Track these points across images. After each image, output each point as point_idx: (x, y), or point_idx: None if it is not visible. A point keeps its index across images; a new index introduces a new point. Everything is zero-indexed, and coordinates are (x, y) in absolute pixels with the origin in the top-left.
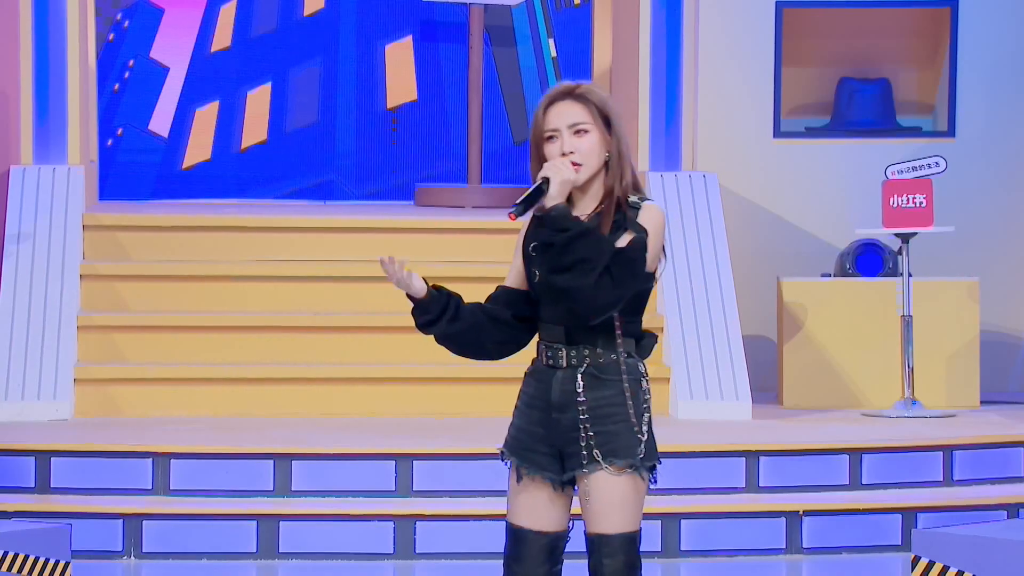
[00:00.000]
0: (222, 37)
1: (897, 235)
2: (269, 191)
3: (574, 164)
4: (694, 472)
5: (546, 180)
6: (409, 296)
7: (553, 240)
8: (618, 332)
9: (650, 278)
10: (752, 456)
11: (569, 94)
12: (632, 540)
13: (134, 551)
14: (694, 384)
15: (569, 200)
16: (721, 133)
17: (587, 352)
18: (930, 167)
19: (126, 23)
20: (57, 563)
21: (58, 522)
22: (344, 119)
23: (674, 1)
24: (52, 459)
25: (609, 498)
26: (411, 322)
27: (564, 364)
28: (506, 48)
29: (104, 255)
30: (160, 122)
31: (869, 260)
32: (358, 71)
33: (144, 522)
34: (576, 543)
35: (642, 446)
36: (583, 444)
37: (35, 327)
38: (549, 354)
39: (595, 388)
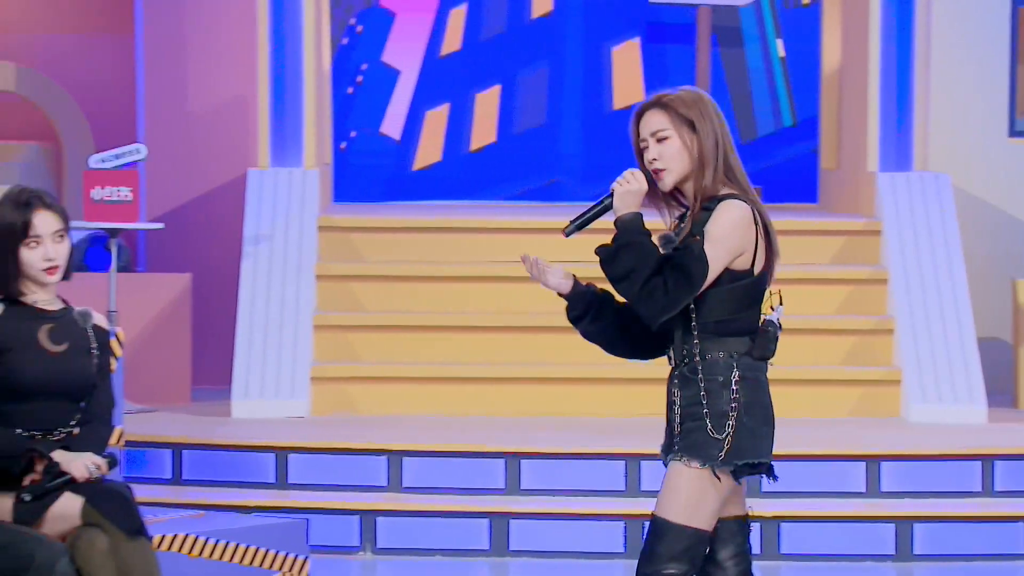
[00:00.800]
0: (452, 40)
1: None
2: (498, 192)
3: (658, 171)
4: (927, 476)
5: (610, 195)
6: (559, 293)
7: (598, 253)
8: (695, 332)
9: (737, 277)
10: (988, 460)
11: (655, 104)
12: (665, 529)
13: (369, 546)
14: (926, 386)
15: (674, 204)
16: (954, 133)
17: (682, 352)
18: None
19: (359, 28)
20: (296, 557)
21: (296, 517)
22: (570, 120)
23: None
24: (290, 456)
25: (668, 482)
26: None
27: (671, 364)
28: (734, 48)
29: (338, 256)
30: (392, 125)
31: None
32: (585, 73)
33: (379, 518)
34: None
35: (721, 447)
36: (673, 440)
37: (273, 327)
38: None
39: (684, 387)
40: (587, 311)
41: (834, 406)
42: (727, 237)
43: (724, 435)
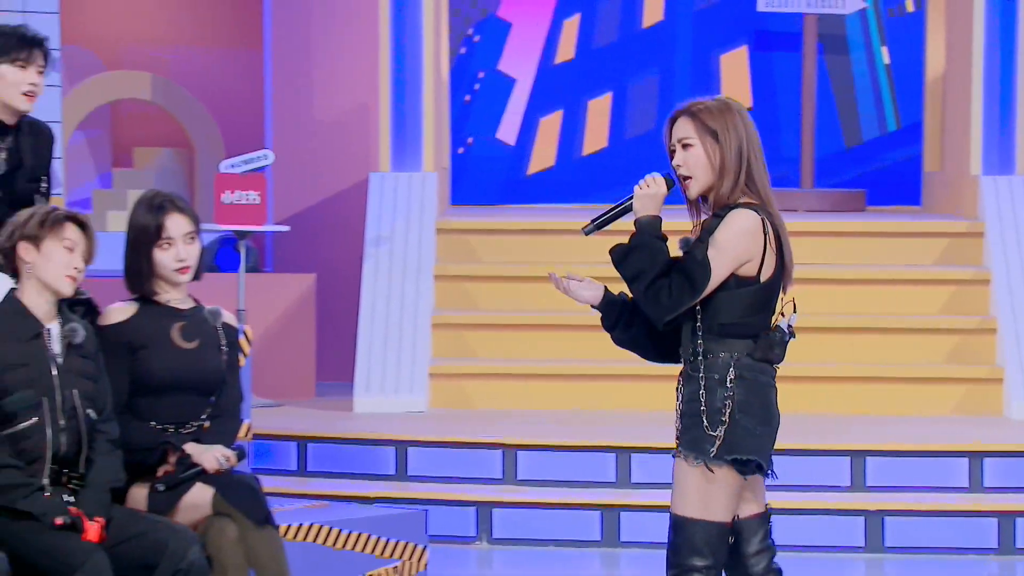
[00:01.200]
0: (566, 49)
1: None
2: (610, 196)
3: (684, 178)
4: None
5: (631, 197)
6: (592, 306)
7: (612, 253)
8: (700, 333)
9: (743, 283)
10: None
11: (685, 111)
12: (681, 524)
13: (486, 536)
14: None
15: (701, 208)
16: None
17: (688, 351)
18: None
19: (477, 38)
20: (416, 546)
21: (415, 508)
22: None
23: (1009, 5)
24: (409, 449)
25: (675, 479)
26: None
27: (681, 362)
28: (839, 55)
29: (455, 257)
30: (507, 130)
31: None
32: (694, 80)
33: (494, 510)
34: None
35: (714, 442)
36: (676, 435)
37: (393, 325)
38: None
39: (686, 384)
40: (618, 320)
41: (938, 403)
42: (731, 244)
43: (716, 431)
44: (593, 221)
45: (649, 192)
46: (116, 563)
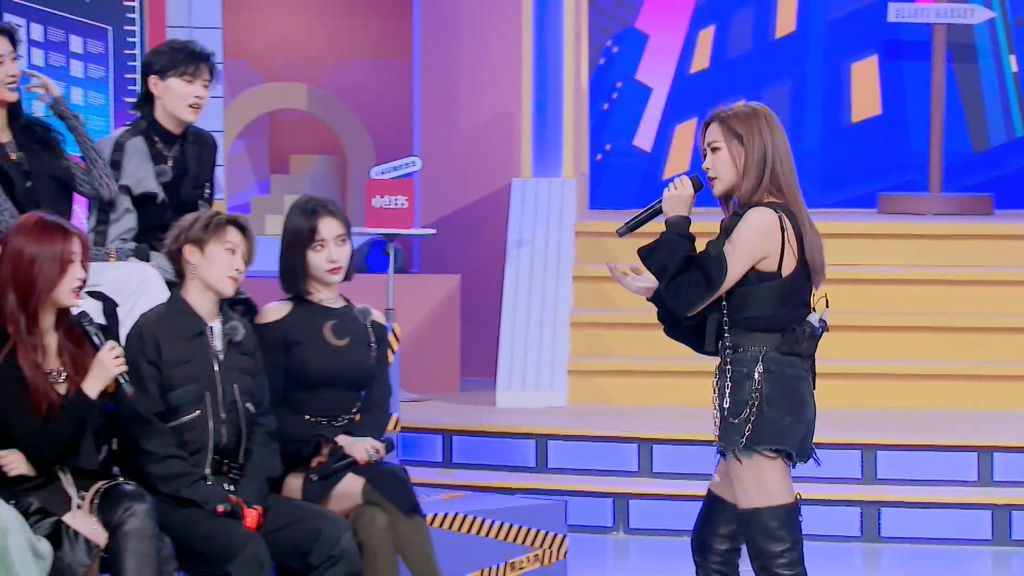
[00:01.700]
0: (701, 59)
1: None
2: None
3: (712, 178)
4: None
5: (661, 199)
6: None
7: (639, 253)
8: (728, 327)
9: (765, 278)
10: None
11: (715, 116)
12: (750, 516)
13: (622, 527)
14: None
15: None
16: None
17: (718, 346)
18: None
19: (615, 48)
20: (555, 536)
21: (555, 499)
22: (811, 133)
23: None
24: (549, 442)
25: (731, 477)
26: (870, 321)
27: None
28: (968, 64)
29: (593, 259)
30: (644, 138)
31: None
32: (825, 88)
33: (631, 501)
34: None
35: (742, 432)
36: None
37: (533, 324)
38: None
39: (720, 379)
40: (669, 313)
41: None
42: (746, 241)
43: (745, 423)
44: (627, 223)
45: (677, 194)
46: (273, 549)
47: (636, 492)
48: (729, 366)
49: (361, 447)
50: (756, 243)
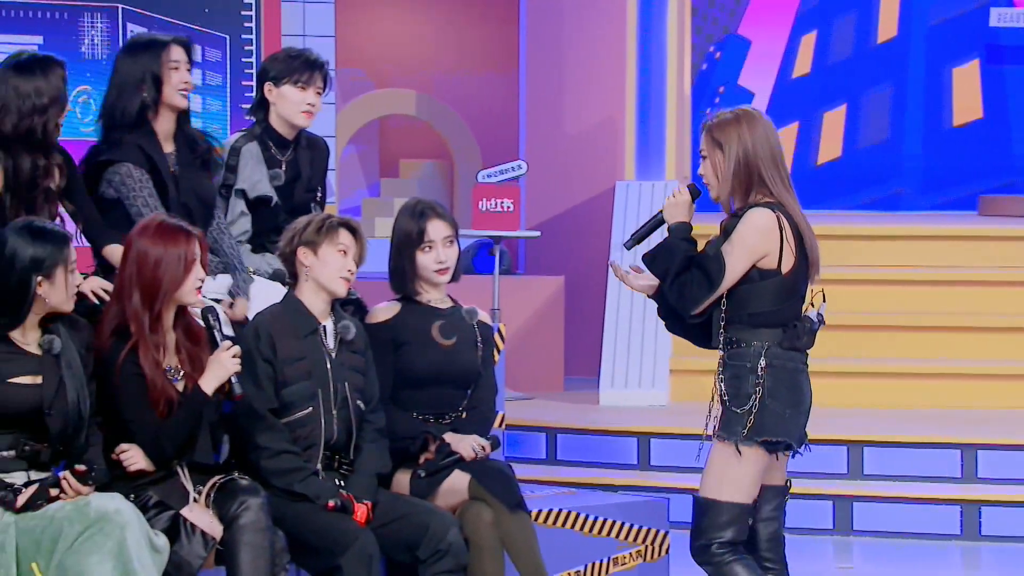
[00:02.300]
0: (803, 64)
1: None
2: (843, 202)
3: (706, 184)
4: None
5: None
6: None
7: (643, 259)
8: (732, 323)
9: (766, 275)
10: None
11: (704, 127)
12: (705, 504)
13: None
14: None
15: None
16: None
17: (722, 340)
18: None
19: (718, 54)
20: (658, 532)
21: (657, 496)
22: (912, 136)
23: None
24: (651, 440)
25: (708, 461)
26: (971, 322)
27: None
28: None
29: None
30: None
31: None
32: (926, 92)
33: None
34: None
35: (744, 424)
36: (709, 422)
37: (636, 324)
38: None
39: (723, 371)
40: (672, 310)
41: None
42: (745, 240)
43: (747, 415)
44: (632, 236)
45: (676, 201)
46: (382, 543)
47: None
48: (735, 360)
49: (467, 444)
50: (755, 242)
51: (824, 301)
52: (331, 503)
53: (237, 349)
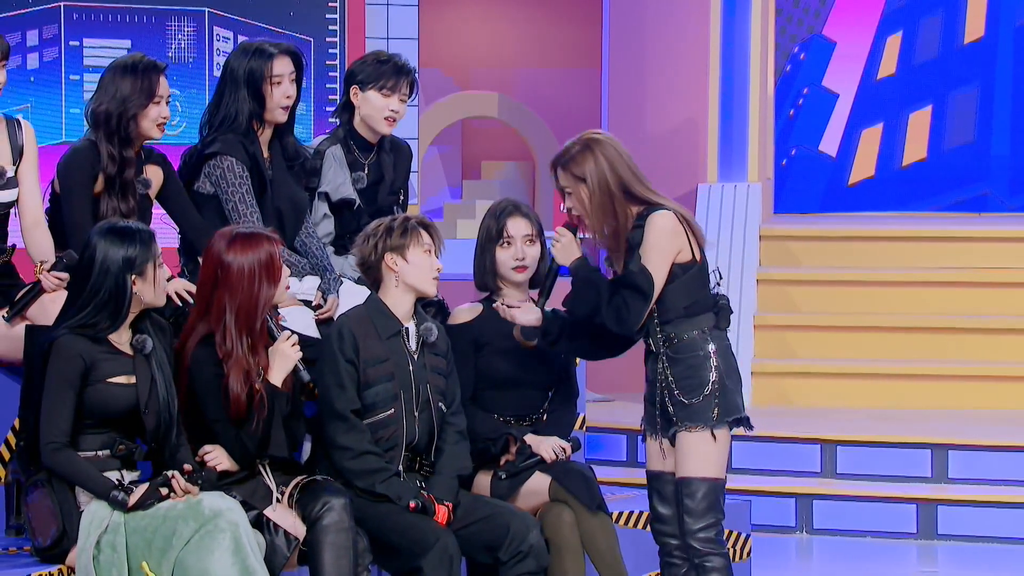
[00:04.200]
0: (888, 64)
1: None
2: (928, 204)
3: (578, 216)
4: None
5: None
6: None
7: (564, 305)
8: (669, 319)
9: (686, 269)
10: None
11: (557, 163)
12: (703, 485)
13: (806, 527)
14: None
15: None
16: None
17: (661, 337)
18: None
19: (802, 55)
20: (740, 535)
21: (740, 499)
22: (999, 137)
23: None
24: (733, 443)
25: (686, 451)
26: None
27: (652, 349)
28: None
29: (777, 262)
30: (829, 143)
31: None
32: (1014, 93)
33: (814, 501)
34: None
35: (713, 408)
36: (668, 415)
37: None
38: None
39: (672, 365)
40: (561, 333)
41: None
42: (659, 245)
43: (713, 399)
44: (535, 302)
45: (563, 244)
46: (463, 544)
47: (819, 492)
48: (678, 354)
49: (548, 445)
50: (667, 244)
51: (721, 278)
52: (413, 504)
53: (296, 338)
